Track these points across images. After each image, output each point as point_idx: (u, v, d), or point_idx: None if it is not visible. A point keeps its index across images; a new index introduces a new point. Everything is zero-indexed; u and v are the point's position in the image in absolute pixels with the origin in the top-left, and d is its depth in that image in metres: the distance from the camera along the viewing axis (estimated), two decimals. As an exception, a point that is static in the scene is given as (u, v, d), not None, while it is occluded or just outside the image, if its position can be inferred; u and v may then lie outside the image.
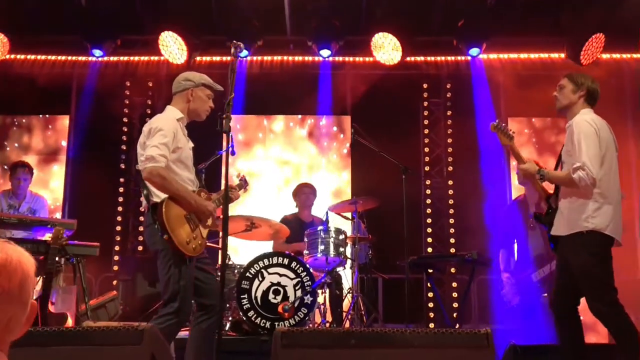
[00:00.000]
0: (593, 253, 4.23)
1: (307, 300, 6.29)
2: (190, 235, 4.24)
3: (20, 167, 7.25)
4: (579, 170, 4.20)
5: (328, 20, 8.78)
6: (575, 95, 4.53)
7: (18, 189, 7.16)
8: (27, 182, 7.25)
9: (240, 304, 6.16)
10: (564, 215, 4.40)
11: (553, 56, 9.32)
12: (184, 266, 4.15)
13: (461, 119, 9.43)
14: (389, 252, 7.70)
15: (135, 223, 9.45)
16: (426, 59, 9.61)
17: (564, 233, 4.38)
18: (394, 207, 7.04)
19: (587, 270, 4.23)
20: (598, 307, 4.18)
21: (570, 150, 4.37)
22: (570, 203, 4.36)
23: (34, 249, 5.76)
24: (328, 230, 6.65)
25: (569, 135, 4.41)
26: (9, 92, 9.14)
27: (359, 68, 9.68)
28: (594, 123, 4.37)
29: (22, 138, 9.75)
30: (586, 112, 4.50)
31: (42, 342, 2.61)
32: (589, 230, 4.24)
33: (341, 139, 9.74)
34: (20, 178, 7.16)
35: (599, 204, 4.26)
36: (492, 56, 9.47)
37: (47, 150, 9.75)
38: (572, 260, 4.31)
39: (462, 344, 2.81)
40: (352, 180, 9.53)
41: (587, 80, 4.57)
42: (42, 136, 9.79)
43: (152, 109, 9.78)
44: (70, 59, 9.57)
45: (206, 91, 4.47)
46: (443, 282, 9.02)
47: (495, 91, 9.43)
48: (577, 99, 4.53)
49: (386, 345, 2.74)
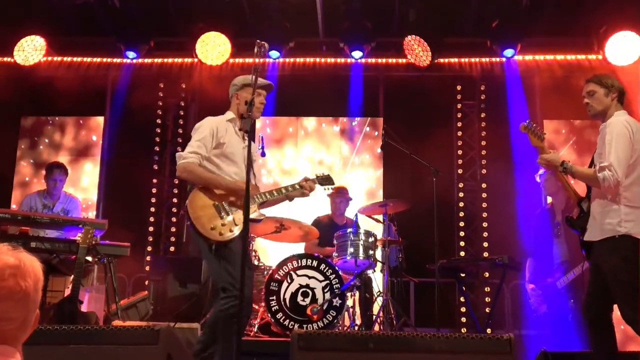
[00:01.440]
0: (625, 258, 4.11)
1: (335, 303, 6.27)
2: (216, 222, 4.35)
3: (56, 168, 7.36)
4: (605, 170, 4.11)
5: (360, 22, 8.74)
6: (608, 98, 4.42)
7: (54, 189, 7.27)
8: (62, 183, 7.36)
9: (269, 305, 6.17)
10: (597, 220, 4.29)
11: (590, 57, 9.13)
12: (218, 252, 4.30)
13: (495, 121, 9.31)
14: (420, 255, 7.62)
15: (168, 223, 9.54)
16: (460, 60, 9.50)
17: (597, 238, 4.28)
18: (425, 210, 6.97)
19: (619, 276, 4.12)
20: (629, 313, 4.07)
21: (602, 151, 4.27)
22: (602, 207, 4.26)
23: (65, 248, 5.87)
24: (358, 233, 6.62)
25: (602, 137, 4.31)
26: (45, 94, 9.32)
27: (391, 70, 9.63)
28: (629, 125, 4.26)
29: (56, 137, 9.90)
30: (621, 113, 4.39)
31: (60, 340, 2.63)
32: (621, 235, 4.13)
33: (374, 140, 9.68)
34: (56, 179, 7.26)
35: (631, 209, 4.16)
36: (527, 57, 9.32)
37: (81, 151, 9.89)
38: (604, 265, 4.20)
39: (484, 349, 2.75)
40: (384, 182, 9.47)
41: (615, 80, 4.47)
42: (77, 136, 9.93)
43: (185, 111, 9.87)
44: (104, 60, 9.71)
45: (250, 90, 4.44)
46: (476, 286, 8.90)
47: (531, 93, 9.29)
48: (610, 102, 4.42)
49: (405, 350, 2.70)
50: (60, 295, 6.08)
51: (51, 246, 5.90)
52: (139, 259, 9.01)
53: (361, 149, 9.67)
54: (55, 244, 5.94)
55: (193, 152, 4.53)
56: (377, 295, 6.89)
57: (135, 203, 9.39)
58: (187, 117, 9.89)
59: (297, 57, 9.50)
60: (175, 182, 9.66)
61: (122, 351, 2.67)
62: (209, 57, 8.92)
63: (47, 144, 9.87)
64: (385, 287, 6.66)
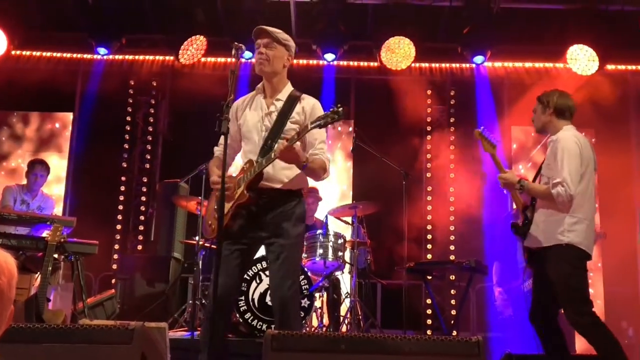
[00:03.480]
0: (572, 265, 4.25)
1: (304, 304, 6.28)
2: (212, 215, 4.00)
3: (38, 164, 7.29)
4: (559, 186, 4.23)
5: (333, 25, 8.80)
6: (545, 114, 4.57)
7: (34, 184, 7.19)
8: (42, 179, 7.28)
9: (238, 306, 6.17)
10: (540, 228, 4.41)
11: (557, 65, 9.32)
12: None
13: (464, 126, 9.44)
14: (389, 257, 7.69)
15: (136, 222, 9.49)
16: (431, 65, 9.65)
17: (539, 245, 4.39)
18: (395, 213, 7.05)
19: (566, 281, 4.24)
20: (576, 318, 4.19)
21: (551, 164, 4.39)
22: (546, 216, 4.38)
23: (33, 245, 5.80)
24: (327, 234, 6.65)
25: (552, 150, 4.42)
26: (13, 88, 9.18)
27: (363, 73, 9.74)
28: (578, 141, 4.39)
29: (18, 129, 9.77)
30: (568, 128, 4.51)
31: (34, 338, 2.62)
32: (566, 243, 4.25)
33: (344, 143, 9.75)
34: (37, 174, 7.18)
35: (575, 219, 4.28)
36: (497, 64, 9.50)
37: (45, 144, 9.77)
38: (551, 272, 4.31)
39: (453, 351, 2.81)
40: (353, 184, 9.54)
41: (553, 97, 4.58)
42: (40, 129, 9.81)
43: (155, 109, 9.82)
44: (75, 56, 9.64)
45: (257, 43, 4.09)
46: (442, 289, 9.00)
47: (499, 99, 9.45)
48: (548, 118, 4.55)
49: (376, 351, 2.75)
50: (26, 293, 6.00)
51: (18, 243, 5.82)
52: (106, 257, 8.95)
53: (331, 153, 9.72)
54: (22, 241, 5.87)
55: (219, 143, 4.16)
56: (345, 296, 6.93)
57: (103, 200, 9.30)
58: (157, 115, 9.85)
59: (269, 58, 9.50)
60: (144, 180, 9.61)
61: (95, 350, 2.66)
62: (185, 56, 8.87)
63: (9, 135, 9.74)
64: (353, 289, 6.69)
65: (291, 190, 3.91)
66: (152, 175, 9.73)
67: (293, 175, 3.89)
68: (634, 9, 8.56)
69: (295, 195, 3.93)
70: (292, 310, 3.75)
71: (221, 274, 3.64)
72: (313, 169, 3.82)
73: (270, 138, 3.88)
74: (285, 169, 3.86)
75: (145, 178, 9.66)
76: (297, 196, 3.94)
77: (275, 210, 3.84)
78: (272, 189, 3.85)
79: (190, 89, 8.40)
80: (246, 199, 3.75)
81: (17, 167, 9.53)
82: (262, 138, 3.92)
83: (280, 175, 3.86)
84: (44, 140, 9.79)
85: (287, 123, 3.94)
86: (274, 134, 3.89)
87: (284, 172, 3.87)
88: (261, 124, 3.96)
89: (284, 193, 3.88)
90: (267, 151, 3.83)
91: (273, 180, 3.85)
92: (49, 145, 9.78)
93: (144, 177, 9.66)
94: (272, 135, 3.89)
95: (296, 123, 3.92)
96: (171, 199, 7.77)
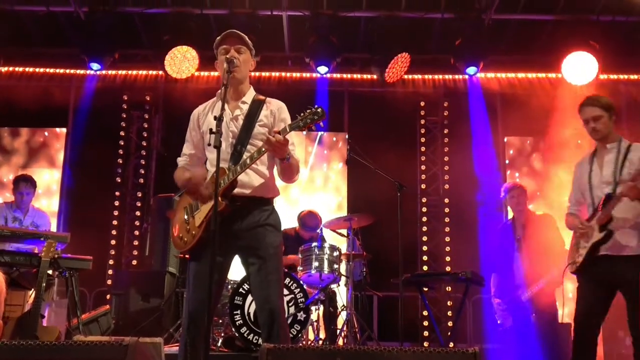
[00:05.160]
0: None
1: (300, 317, 6.25)
2: (183, 228, 3.84)
3: (22, 181, 7.23)
4: None
5: (326, 38, 8.81)
6: (611, 120, 4.61)
7: (21, 203, 7.14)
8: (29, 197, 7.22)
9: (233, 320, 6.13)
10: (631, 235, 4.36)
11: (550, 76, 9.36)
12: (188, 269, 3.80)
13: (458, 138, 9.46)
14: (384, 269, 7.66)
15: (130, 237, 9.45)
16: (424, 77, 9.69)
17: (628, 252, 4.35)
18: (389, 225, 7.02)
19: None
20: None
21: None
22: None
23: (26, 261, 5.75)
24: (322, 247, 6.64)
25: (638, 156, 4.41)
26: (6, 105, 9.14)
27: (356, 85, 9.78)
28: None
29: (17, 150, 9.74)
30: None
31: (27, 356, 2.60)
32: None
33: (337, 155, 9.75)
34: (22, 192, 7.13)
35: None
36: (490, 75, 9.53)
37: (43, 162, 9.74)
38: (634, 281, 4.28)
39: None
40: (348, 196, 9.54)
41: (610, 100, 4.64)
42: (38, 148, 9.78)
43: (149, 123, 9.80)
44: (67, 72, 9.64)
45: (220, 51, 4.00)
46: (438, 300, 9.00)
47: (493, 110, 9.47)
48: (611, 125, 4.61)
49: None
50: (19, 309, 5.96)
51: (11, 259, 5.77)
52: (101, 273, 8.91)
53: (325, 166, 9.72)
54: (15, 257, 5.81)
55: (182, 154, 4.07)
56: (341, 309, 6.90)
57: (97, 215, 9.26)
58: (151, 129, 9.84)
59: (262, 72, 9.54)
60: (138, 194, 9.58)
61: (89, 366, 2.64)
62: (176, 70, 8.82)
63: (8, 157, 9.72)
64: (349, 301, 6.66)
65: (264, 197, 3.84)
66: (146, 190, 9.71)
67: (264, 182, 3.83)
68: (625, 19, 8.62)
69: (268, 202, 3.87)
70: (283, 321, 3.71)
71: (197, 288, 3.64)
72: (292, 165, 3.76)
73: (239, 143, 3.78)
74: (257, 175, 3.80)
75: (140, 193, 9.63)
76: (270, 204, 3.88)
77: (250, 219, 3.76)
78: (245, 196, 3.76)
79: (183, 103, 8.40)
80: (222, 207, 3.58)
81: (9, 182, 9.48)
82: (230, 144, 3.80)
83: (253, 181, 3.79)
84: (34, 154, 9.75)
85: (256, 126, 3.84)
86: (242, 139, 3.79)
87: (255, 178, 3.80)
88: (227, 129, 3.80)
89: (257, 200, 3.81)
90: (238, 157, 3.75)
91: (245, 187, 3.76)
92: (40, 158, 9.74)
93: (138, 191, 9.64)
94: (240, 140, 3.79)
95: (265, 126, 3.84)
96: (166, 213, 7.75)
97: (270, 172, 3.91)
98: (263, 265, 3.72)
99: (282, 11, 8.75)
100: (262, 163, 3.83)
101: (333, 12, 8.74)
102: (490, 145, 9.30)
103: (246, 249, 3.77)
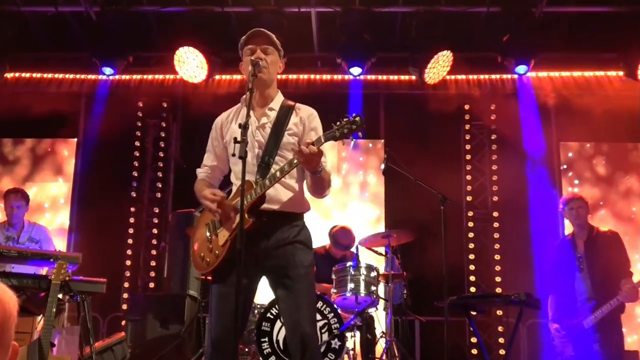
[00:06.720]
0: None
1: (334, 345, 6.21)
2: (205, 247, 3.82)
3: (12, 194, 7.29)
4: None
5: (358, 35, 8.78)
6: None
7: (12, 218, 7.19)
8: (21, 210, 7.26)
9: (261, 348, 6.11)
10: None
11: (610, 74, 9.22)
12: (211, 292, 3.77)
13: (507, 144, 9.36)
14: (427, 291, 7.59)
15: (147, 257, 9.48)
16: (468, 77, 9.60)
17: None
18: (432, 242, 6.97)
19: None
20: None
21: None
22: None
23: (35, 284, 5.78)
24: (358, 267, 6.57)
25: None
26: (12, 113, 9.25)
27: (393, 87, 9.73)
28: None
29: (25, 162, 9.84)
30: None
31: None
32: None
33: (375, 162, 9.68)
34: (13, 206, 7.19)
35: None
36: (542, 74, 9.42)
37: (52, 176, 9.83)
38: None
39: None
40: (386, 211, 9.47)
41: None
42: (47, 160, 9.87)
43: (166, 132, 9.86)
44: (78, 77, 9.74)
45: (246, 52, 3.97)
46: (488, 325, 8.90)
47: (546, 113, 9.35)
48: None
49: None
50: (27, 337, 5.99)
51: (18, 282, 5.80)
52: (115, 296, 8.94)
53: (361, 173, 9.68)
54: (22, 280, 5.84)
55: (202, 165, 4.08)
56: (379, 336, 6.86)
57: (111, 233, 9.32)
58: (169, 138, 9.89)
59: (289, 74, 9.54)
60: (155, 210, 9.61)
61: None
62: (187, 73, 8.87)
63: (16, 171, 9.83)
64: (388, 327, 6.63)
65: (294, 212, 3.81)
66: (164, 205, 9.76)
67: (293, 197, 3.79)
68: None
69: (298, 218, 3.83)
70: (316, 348, 3.68)
71: (221, 314, 3.62)
72: (323, 179, 3.71)
73: (266, 154, 3.74)
74: (285, 188, 3.76)
75: (157, 208, 9.67)
76: (300, 219, 3.85)
77: (278, 236, 3.72)
78: (273, 211, 3.72)
79: (203, 109, 8.42)
80: (249, 224, 3.52)
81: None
82: (256, 155, 3.76)
83: (281, 196, 3.75)
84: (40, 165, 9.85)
85: (285, 135, 3.80)
86: (269, 150, 3.76)
87: (284, 192, 3.76)
88: (252, 138, 3.75)
89: (286, 216, 3.77)
90: (265, 169, 3.71)
91: (273, 202, 3.72)
92: (46, 169, 9.84)
93: (155, 207, 9.68)
94: (267, 151, 3.75)
95: (294, 135, 3.81)
96: (185, 230, 7.75)
97: (300, 186, 3.88)
98: (293, 286, 3.68)
99: (311, 7, 8.75)
100: (291, 176, 3.79)
101: (366, 7, 8.70)
102: (544, 152, 9.18)
103: (274, 269, 3.74)
